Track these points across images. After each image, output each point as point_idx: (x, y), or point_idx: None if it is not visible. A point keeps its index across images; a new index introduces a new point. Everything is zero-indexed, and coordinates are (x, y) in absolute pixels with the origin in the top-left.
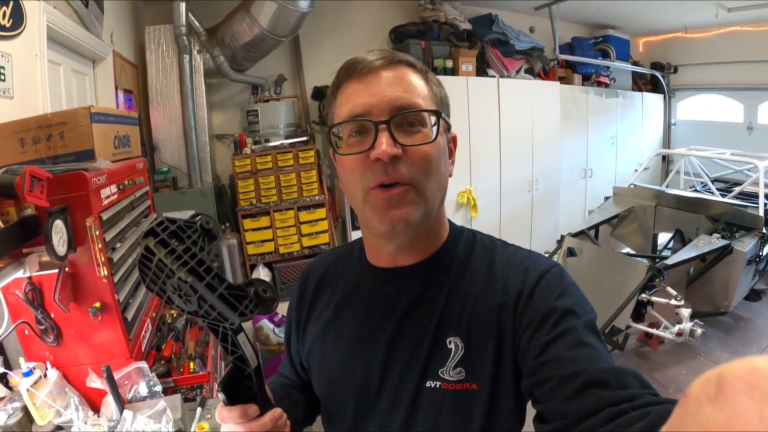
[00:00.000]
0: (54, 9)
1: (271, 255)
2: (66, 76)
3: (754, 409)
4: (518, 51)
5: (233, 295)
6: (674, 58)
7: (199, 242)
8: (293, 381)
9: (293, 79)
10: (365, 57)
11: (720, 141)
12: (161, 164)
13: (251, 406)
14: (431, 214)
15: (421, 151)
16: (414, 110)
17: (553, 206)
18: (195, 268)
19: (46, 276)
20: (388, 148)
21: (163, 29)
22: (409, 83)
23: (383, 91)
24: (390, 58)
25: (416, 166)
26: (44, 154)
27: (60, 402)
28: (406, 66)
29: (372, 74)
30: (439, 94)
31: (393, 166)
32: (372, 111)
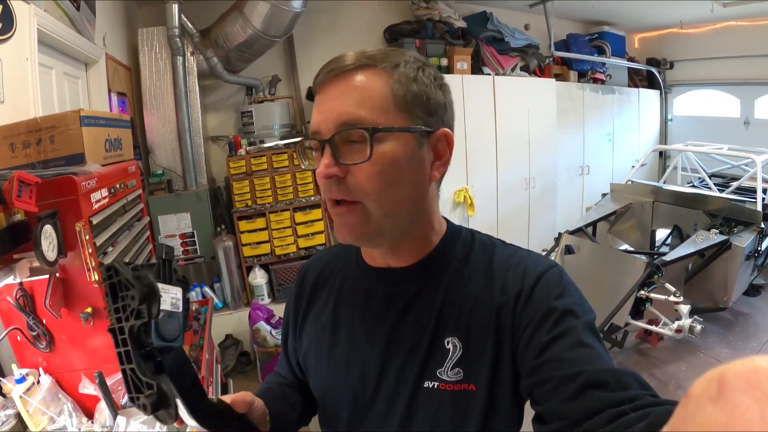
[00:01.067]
0: (45, 12)
1: (267, 256)
2: (58, 79)
3: (756, 409)
4: (513, 48)
5: (135, 382)
6: (670, 54)
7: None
8: (290, 380)
9: (287, 80)
10: (326, 65)
11: (717, 136)
12: (156, 167)
13: None
14: (390, 224)
15: (364, 169)
16: (348, 129)
17: (550, 204)
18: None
19: (37, 282)
20: (324, 168)
21: (156, 31)
22: (358, 93)
23: (330, 108)
24: (341, 66)
25: (360, 186)
26: (34, 159)
27: (53, 408)
28: (359, 71)
29: (325, 87)
30: (410, 93)
31: (336, 185)
32: (321, 129)
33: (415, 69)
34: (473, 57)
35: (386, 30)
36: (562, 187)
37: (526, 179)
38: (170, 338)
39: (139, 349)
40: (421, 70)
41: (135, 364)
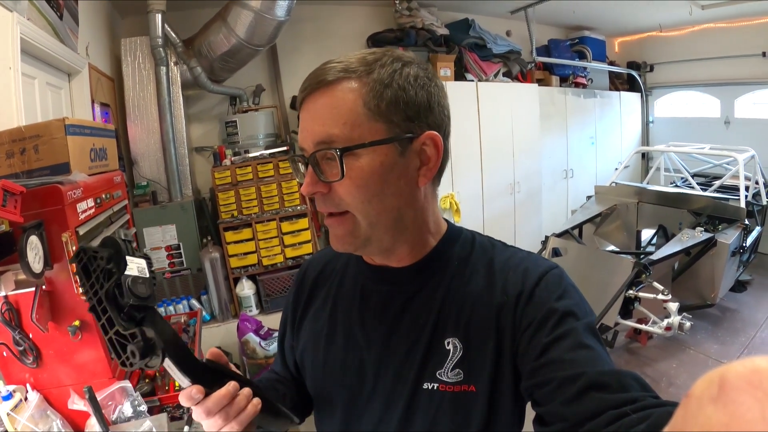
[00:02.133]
0: (27, 21)
1: (254, 267)
2: (41, 89)
3: (757, 409)
4: (496, 55)
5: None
6: (650, 57)
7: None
8: (283, 377)
9: (271, 89)
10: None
11: (698, 136)
12: (140, 178)
13: (193, 388)
14: (378, 233)
15: (344, 185)
16: (320, 149)
17: (535, 208)
18: (94, 307)
19: (22, 294)
20: (306, 187)
21: (139, 41)
22: (328, 112)
23: (306, 127)
24: (313, 83)
25: (343, 200)
26: (18, 169)
27: (42, 426)
28: (330, 86)
29: (305, 104)
30: (380, 102)
31: (323, 200)
32: (304, 146)
33: (391, 72)
34: (456, 64)
35: (369, 38)
36: (546, 191)
37: (511, 184)
38: (143, 296)
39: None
40: (398, 73)
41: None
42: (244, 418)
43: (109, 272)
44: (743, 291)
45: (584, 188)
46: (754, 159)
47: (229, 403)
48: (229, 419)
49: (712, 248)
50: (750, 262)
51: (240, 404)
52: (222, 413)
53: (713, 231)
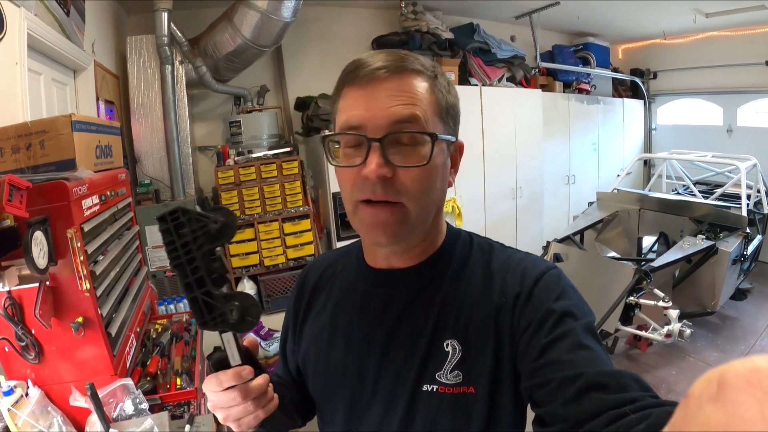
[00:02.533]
0: (35, 17)
1: (256, 267)
2: (46, 85)
3: (756, 409)
4: (500, 59)
5: (207, 303)
6: (653, 64)
7: (200, 239)
8: (286, 381)
9: (276, 90)
10: (370, 62)
11: (700, 144)
12: (143, 177)
13: (245, 368)
14: (421, 227)
15: (413, 172)
16: (410, 131)
17: (537, 213)
18: (183, 265)
19: (26, 290)
20: (377, 168)
21: (144, 39)
22: (410, 95)
23: (381, 105)
24: (394, 66)
25: (408, 187)
26: (24, 164)
27: (43, 422)
28: (410, 74)
29: (373, 83)
30: (446, 103)
31: (382, 186)
32: (367, 126)
33: (447, 81)
34: (460, 68)
35: (374, 41)
36: (548, 197)
37: (513, 188)
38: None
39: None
40: (450, 84)
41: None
42: (266, 411)
43: (215, 236)
44: (743, 299)
45: (586, 194)
46: (756, 167)
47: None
48: (259, 407)
49: (713, 256)
50: (750, 270)
51: (270, 395)
52: (256, 400)
53: (714, 239)
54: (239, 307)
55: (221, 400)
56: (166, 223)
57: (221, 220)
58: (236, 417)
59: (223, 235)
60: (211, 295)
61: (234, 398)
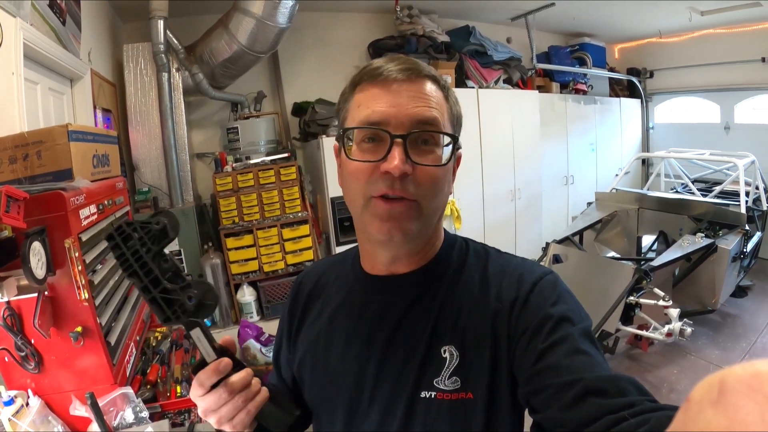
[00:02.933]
0: (31, 26)
1: (255, 274)
2: (43, 95)
3: (756, 413)
4: (496, 61)
5: (165, 299)
6: (650, 63)
7: (147, 244)
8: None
9: (273, 96)
10: (389, 65)
11: (698, 142)
12: (141, 184)
13: (222, 360)
14: (429, 229)
15: (430, 171)
16: (433, 130)
17: (536, 214)
18: (137, 271)
19: (24, 300)
20: (401, 164)
21: (141, 47)
22: (431, 99)
23: (405, 104)
24: (416, 70)
25: (423, 186)
26: (21, 174)
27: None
28: (430, 80)
29: (396, 84)
30: (456, 113)
31: (400, 182)
32: (390, 122)
33: (453, 91)
34: (457, 70)
35: (370, 45)
36: (547, 198)
37: (512, 190)
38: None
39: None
40: (455, 93)
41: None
42: (256, 404)
43: (159, 237)
44: (744, 296)
45: (585, 195)
46: (754, 164)
47: (248, 384)
48: (247, 401)
49: (712, 254)
50: (750, 267)
51: (255, 388)
52: (242, 395)
53: (714, 237)
54: (195, 294)
55: (209, 403)
56: (114, 239)
57: (163, 221)
58: (228, 416)
59: (167, 234)
60: (167, 290)
61: (220, 396)
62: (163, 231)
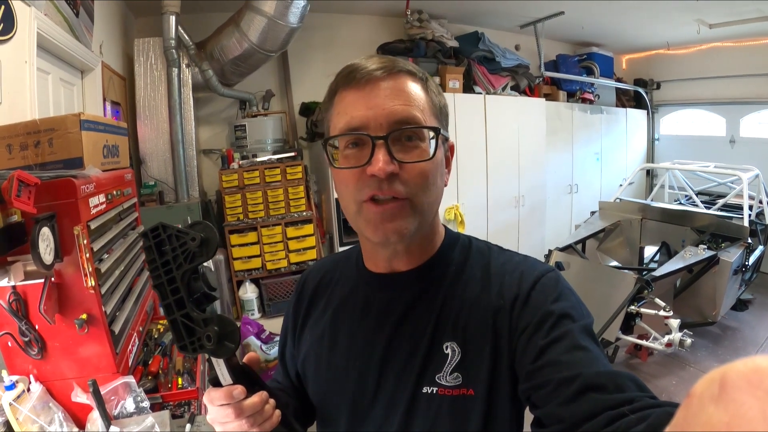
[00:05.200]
0: (45, 16)
1: (258, 271)
2: (54, 85)
3: (758, 408)
4: (504, 68)
5: (186, 325)
6: (657, 75)
7: (180, 259)
8: (286, 386)
9: (281, 95)
10: (364, 65)
11: (703, 155)
12: (148, 178)
13: (237, 388)
14: (426, 225)
15: (418, 167)
16: (412, 126)
17: (539, 221)
18: (163, 286)
19: (31, 285)
20: (385, 165)
21: (152, 42)
22: (408, 95)
23: (381, 104)
24: (390, 67)
25: (413, 182)
26: (32, 161)
27: (44, 417)
28: (406, 75)
29: (371, 85)
30: (439, 104)
31: (388, 182)
32: (369, 125)
33: (437, 85)
34: (465, 76)
35: (379, 48)
36: (550, 205)
37: (516, 197)
38: (214, 287)
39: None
40: (439, 87)
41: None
42: (267, 427)
43: (194, 255)
44: (745, 310)
45: (588, 203)
46: (758, 178)
47: (260, 410)
48: (255, 426)
49: (714, 266)
50: (752, 281)
51: (267, 413)
52: (251, 418)
53: (716, 249)
54: (217, 332)
55: (217, 416)
56: (148, 240)
57: (200, 237)
58: None
59: (203, 253)
60: (191, 318)
61: (228, 415)
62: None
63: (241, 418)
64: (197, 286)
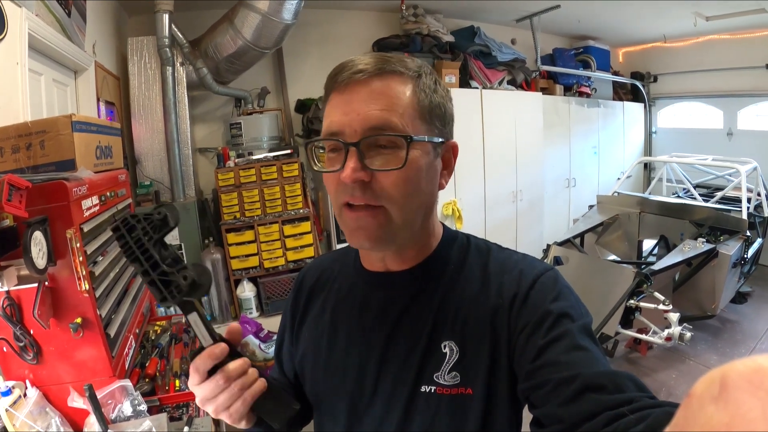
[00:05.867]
0: (36, 17)
1: (255, 269)
2: (47, 86)
3: (758, 409)
4: (500, 62)
5: (162, 280)
6: (654, 68)
7: (150, 233)
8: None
9: (276, 92)
10: (351, 65)
11: (701, 147)
12: (143, 178)
13: (219, 345)
14: (406, 231)
15: (391, 176)
16: (383, 134)
17: (537, 216)
18: (138, 257)
19: (24, 290)
20: (352, 173)
21: (145, 41)
22: (388, 99)
23: (357, 109)
24: (373, 69)
25: (387, 191)
26: (24, 164)
27: (41, 422)
28: (391, 76)
29: (350, 88)
30: (430, 103)
31: (361, 189)
32: (345, 130)
33: (434, 81)
34: (461, 71)
35: (375, 43)
36: (548, 200)
37: (514, 192)
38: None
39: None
40: (438, 83)
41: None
42: (252, 393)
43: (160, 226)
44: (744, 302)
45: (586, 197)
46: (756, 171)
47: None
48: (243, 390)
49: (713, 259)
50: (751, 273)
51: (252, 376)
52: (238, 382)
53: (715, 242)
54: (190, 274)
55: (206, 391)
56: (120, 230)
57: (163, 211)
58: (225, 405)
59: (168, 223)
60: (165, 273)
61: (217, 383)
62: (163, 220)
63: (229, 383)
64: (167, 253)
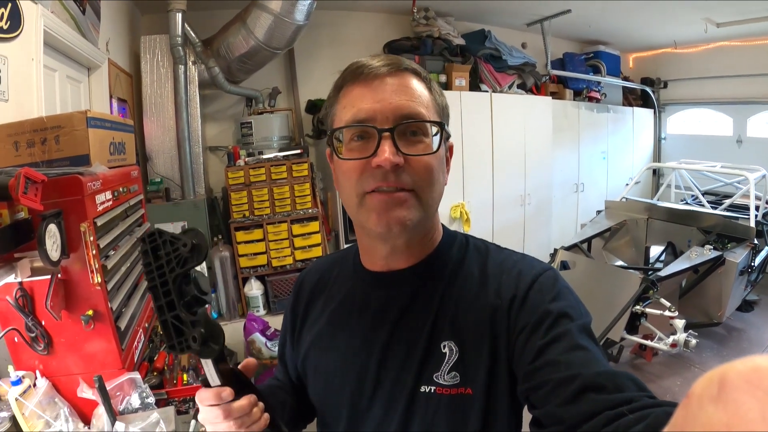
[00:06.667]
0: (51, 14)
1: (263, 268)
2: (61, 82)
3: (757, 409)
4: (511, 66)
5: (175, 326)
6: (664, 73)
7: (173, 263)
8: (285, 384)
9: (287, 92)
10: (371, 62)
11: (710, 154)
12: (154, 175)
13: (225, 389)
14: (428, 220)
15: (423, 161)
16: (419, 120)
17: (545, 220)
18: (156, 288)
19: (37, 282)
20: (391, 157)
21: (158, 39)
22: (413, 91)
23: (388, 99)
24: (396, 64)
25: (417, 175)
26: (39, 158)
27: (49, 413)
28: (411, 74)
29: (378, 80)
30: (441, 104)
31: (394, 174)
32: (376, 117)
33: (439, 84)
34: (471, 74)
35: (386, 45)
36: (556, 204)
37: (522, 195)
38: (205, 291)
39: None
40: (440, 87)
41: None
42: (255, 429)
43: (186, 259)
44: (750, 311)
45: (594, 202)
46: (765, 178)
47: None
48: (243, 427)
49: (720, 266)
50: (758, 282)
51: (255, 416)
52: (238, 420)
53: (722, 249)
54: (203, 334)
55: (207, 416)
56: (145, 245)
57: (192, 243)
58: None
59: (194, 258)
60: (180, 319)
61: (216, 416)
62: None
63: (229, 420)
64: (188, 289)
